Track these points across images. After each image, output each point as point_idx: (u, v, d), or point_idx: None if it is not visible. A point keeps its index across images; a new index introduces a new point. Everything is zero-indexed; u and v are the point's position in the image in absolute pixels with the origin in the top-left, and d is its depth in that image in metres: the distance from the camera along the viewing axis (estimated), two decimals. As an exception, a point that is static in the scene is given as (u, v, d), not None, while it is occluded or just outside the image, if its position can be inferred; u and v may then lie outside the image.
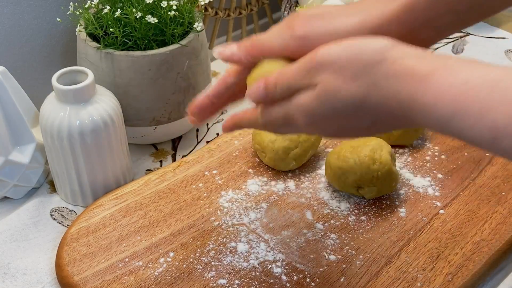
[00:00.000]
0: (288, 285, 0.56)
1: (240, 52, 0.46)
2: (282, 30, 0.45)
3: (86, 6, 0.68)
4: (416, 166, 0.70)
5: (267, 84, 0.44)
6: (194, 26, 0.70)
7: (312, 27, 0.44)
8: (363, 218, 0.64)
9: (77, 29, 0.69)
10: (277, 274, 0.57)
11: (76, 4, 0.69)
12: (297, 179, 0.68)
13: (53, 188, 0.69)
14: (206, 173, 0.69)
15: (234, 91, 0.50)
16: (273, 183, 0.68)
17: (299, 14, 0.45)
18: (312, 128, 0.43)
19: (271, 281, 0.57)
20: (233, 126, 0.50)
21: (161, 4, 0.66)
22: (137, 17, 0.65)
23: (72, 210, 0.67)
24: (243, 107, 0.49)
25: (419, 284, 0.56)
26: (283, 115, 0.44)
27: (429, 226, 0.63)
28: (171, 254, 0.59)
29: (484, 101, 0.33)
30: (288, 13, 0.92)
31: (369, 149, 0.64)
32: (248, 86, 0.46)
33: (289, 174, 0.69)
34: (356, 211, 0.64)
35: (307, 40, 0.44)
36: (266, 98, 0.44)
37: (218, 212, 0.64)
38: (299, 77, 0.42)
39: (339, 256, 0.59)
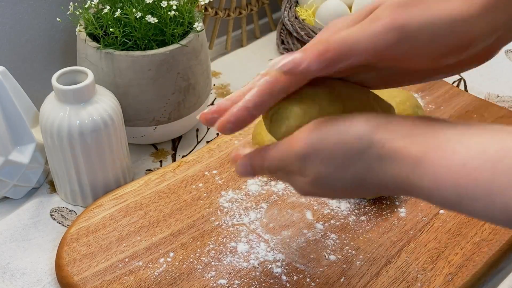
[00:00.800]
0: (288, 285, 0.56)
1: (308, 59, 0.37)
2: (365, 24, 0.36)
3: (86, 6, 0.68)
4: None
5: (254, 166, 0.43)
6: (194, 26, 0.70)
7: (409, 16, 0.35)
8: (363, 218, 0.64)
9: (77, 29, 0.69)
10: (277, 274, 0.57)
11: (76, 4, 0.69)
12: (297, 179, 0.68)
13: (53, 188, 0.69)
14: (206, 173, 0.69)
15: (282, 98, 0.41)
16: (273, 183, 0.68)
17: (380, 2, 0.37)
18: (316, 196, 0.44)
19: (271, 281, 0.57)
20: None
21: (161, 4, 0.66)
22: (137, 17, 0.65)
23: (72, 210, 0.67)
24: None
25: (419, 284, 0.56)
26: (284, 181, 0.44)
27: (429, 226, 0.63)
28: (171, 254, 0.59)
29: (488, 185, 0.32)
30: (288, 13, 0.92)
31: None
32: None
33: (289, 174, 0.69)
34: (356, 211, 0.64)
35: (406, 31, 0.35)
36: (254, 176, 0.44)
37: (218, 212, 0.64)
38: (286, 164, 0.40)
39: (339, 256, 0.59)
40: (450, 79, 0.88)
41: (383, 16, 0.36)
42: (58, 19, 0.72)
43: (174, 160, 0.75)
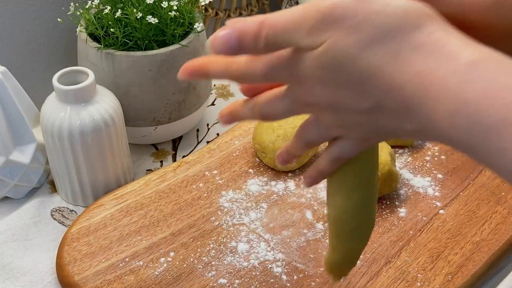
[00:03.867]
0: (288, 284, 0.56)
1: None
2: None
3: (87, 6, 0.68)
4: (416, 166, 0.70)
5: (243, 34, 0.32)
6: (195, 26, 0.70)
7: None
8: (363, 218, 0.64)
9: (77, 30, 0.69)
10: (277, 274, 0.57)
11: (77, 4, 0.70)
12: (297, 179, 0.69)
13: (53, 188, 0.70)
14: (207, 173, 0.69)
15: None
16: (273, 183, 0.68)
17: None
18: (298, 95, 0.34)
19: (271, 280, 0.57)
20: (231, 117, 0.39)
21: (162, 5, 0.67)
22: (138, 17, 0.65)
23: (72, 210, 0.67)
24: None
25: (419, 284, 0.57)
26: (276, 70, 0.34)
27: (429, 226, 0.63)
28: (172, 254, 0.59)
29: None
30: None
31: (369, 149, 0.64)
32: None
33: (289, 174, 0.69)
34: (356, 211, 0.64)
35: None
36: (237, 52, 0.33)
37: (219, 212, 0.64)
38: (297, 30, 0.31)
39: (339, 256, 0.59)
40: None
41: None
42: (59, 19, 0.72)
43: (174, 160, 0.75)
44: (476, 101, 0.27)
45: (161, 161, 0.75)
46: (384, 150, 0.64)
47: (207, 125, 0.81)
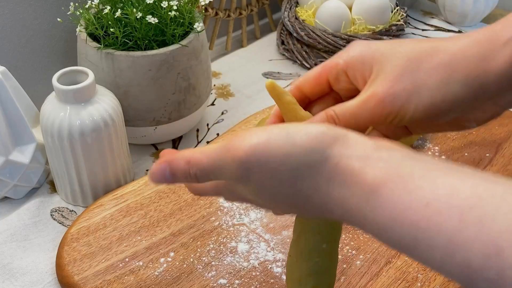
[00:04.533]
0: (288, 285, 0.56)
1: None
2: (363, 100, 0.39)
3: (87, 6, 0.68)
4: (416, 166, 0.70)
5: (174, 171, 0.37)
6: (195, 26, 0.70)
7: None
8: (363, 218, 0.64)
9: (77, 29, 0.69)
10: (277, 274, 0.57)
11: (77, 4, 0.70)
12: (297, 179, 0.68)
13: (53, 188, 0.70)
14: (206, 173, 0.69)
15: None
16: (273, 183, 0.68)
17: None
18: (231, 198, 0.40)
19: (271, 281, 0.57)
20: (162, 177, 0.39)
21: (162, 5, 0.66)
22: (138, 17, 0.65)
23: (72, 210, 0.67)
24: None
25: (419, 284, 0.57)
26: (213, 193, 0.39)
27: (429, 226, 0.63)
28: (172, 254, 0.59)
29: (451, 234, 0.27)
30: (288, 14, 0.92)
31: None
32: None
33: (289, 174, 0.69)
34: (356, 211, 0.64)
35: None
36: (172, 183, 0.38)
37: (219, 212, 0.64)
38: (221, 172, 0.36)
39: (339, 256, 0.59)
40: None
41: (377, 91, 0.38)
42: (58, 19, 0.72)
43: (174, 160, 0.75)
44: (389, 225, 0.30)
45: (161, 161, 0.75)
46: None
47: (207, 125, 0.81)
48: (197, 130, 0.80)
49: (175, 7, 0.66)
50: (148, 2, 0.66)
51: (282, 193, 0.34)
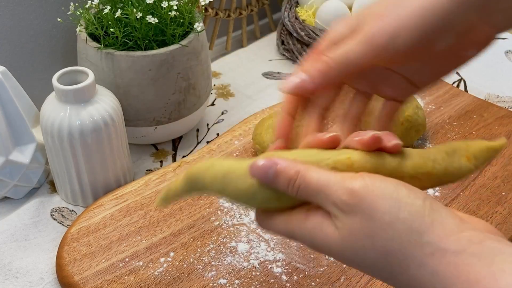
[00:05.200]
0: (288, 285, 0.56)
1: (313, 79, 0.40)
2: (354, 39, 0.39)
3: (87, 6, 0.68)
4: (416, 166, 0.70)
5: (280, 173, 0.37)
6: (195, 26, 0.70)
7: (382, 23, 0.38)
8: (363, 218, 0.64)
9: (77, 29, 0.69)
10: (277, 274, 0.57)
11: (77, 4, 0.70)
12: (297, 179, 0.68)
13: (53, 188, 0.70)
14: (207, 173, 0.69)
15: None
16: (273, 183, 0.68)
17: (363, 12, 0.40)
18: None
19: (271, 281, 0.57)
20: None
21: (162, 5, 0.66)
22: (138, 17, 0.65)
23: (72, 210, 0.67)
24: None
25: (419, 284, 0.56)
26: (285, 232, 0.39)
27: (429, 226, 0.63)
28: (172, 254, 0.59)
29: None
30: (288, 14, 0.92)
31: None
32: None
33: (289, 174, 0.69)
34: (356, 211, 0.64)
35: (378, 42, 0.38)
36: (267, 182, 0.37)
37: (219, 212, 0.64)
38: (326, 198, 0.35)
39: (339, 256, 0.59)
40: (450, 80, 0.88)
41: (364, 29, 0.39)
42: (58, 19, 0.72)
43: (174, 160, 0.75)
44: None
45: (161, 161, 0.75)
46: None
47: (207, 125, 0.81)
48: (197, 130, 0.80)
49: (175, 7, 0.66)
50: (148, 2, 0.66)
51: (370, 256, 0.34)
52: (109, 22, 0.66)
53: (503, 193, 0.66)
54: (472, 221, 0.36)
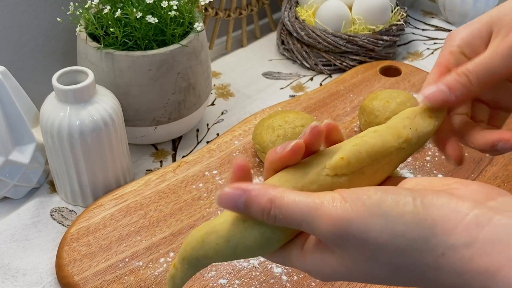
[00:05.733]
0: (288, 285, 0.56)
1: (454, 93, 0.38)
2: (498, 47, 0.38)
3: (87, 6, 0.68)
4: (417, 166, 0.70)
5: (251, 202, 0.34)
6: (195, 26, 0.70)
7: None
8: (363, 218, 0.63)
9: (77, 29, 0.69)
10: (277, 274, 0.57)
11: (77, 4, 0.70)
12: (297, 179, 0.68)
13: (53, 188, 0.69)
14: (206, 173, 0.69)
15: None
16: (273, 183, 0.68)
17: (497, 15, 0.39)
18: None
19: (271, 281, 0.57)
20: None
21: (162, 4, 0.66)
22: (138, 17, 0.65)
23: (72, 210, 0.67)
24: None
25: (419, 284, 0.56)
26: (281, 260, 0.37)
27: (429, 226, 0.62)
28: (172, 254, 0.59)
29: None
30: (288, 14, 0.92)
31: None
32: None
33: (289, 174, 0.69)
34: (356, 211, 0.64)
35: None
36: (241, 213, 0.34)
37: (219, 212, 0.64)
38: (309, 225, 0.33)
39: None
40: None
41: (509, 37, 0.37)
42: (58, 19, 0.72)
43: (174, 160, 0.75)
44: None
45: (161, 161, 0.75)
46: None
47: (207, 125, 0.81)
48: (197, 130, 0.80)
49: (175, 7, 0.66)
50: (148, 2, 0.66)
51: (381, 275, 0.33)
52: (109, 22, 0.66)
53: (503, 193, 0.66)
54: (469, 189, 0.34)
